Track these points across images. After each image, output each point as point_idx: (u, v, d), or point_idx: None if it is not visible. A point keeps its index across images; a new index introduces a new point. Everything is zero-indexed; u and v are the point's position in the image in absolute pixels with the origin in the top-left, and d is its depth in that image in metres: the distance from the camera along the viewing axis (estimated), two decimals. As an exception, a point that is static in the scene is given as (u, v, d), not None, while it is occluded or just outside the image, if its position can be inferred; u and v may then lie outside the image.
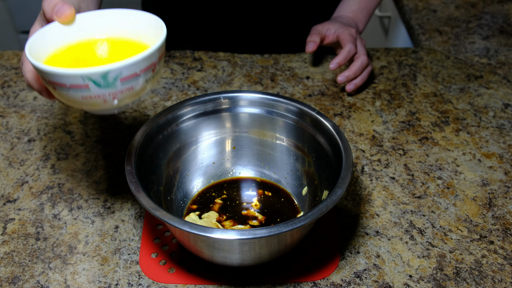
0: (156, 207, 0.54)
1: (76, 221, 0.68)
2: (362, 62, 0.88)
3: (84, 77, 0.46)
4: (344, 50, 0.87)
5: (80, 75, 0.46)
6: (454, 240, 0.66)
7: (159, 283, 0.61)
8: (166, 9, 1.03)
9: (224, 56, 1.00)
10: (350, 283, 0.61)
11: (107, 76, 0.46)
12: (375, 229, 0.68)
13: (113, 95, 0.48)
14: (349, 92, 0.90)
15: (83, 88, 0.47)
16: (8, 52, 1.00)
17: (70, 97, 0.49)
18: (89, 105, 0.49)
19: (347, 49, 0.87)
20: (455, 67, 0.98)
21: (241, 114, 0.69)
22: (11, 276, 0.61)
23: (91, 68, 0.45)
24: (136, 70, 0.48)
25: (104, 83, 0.47)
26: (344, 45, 0.88)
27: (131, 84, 0.48)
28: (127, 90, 0.49)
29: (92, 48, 0.55)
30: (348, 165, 0.58)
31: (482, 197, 0.72)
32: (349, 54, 0.87)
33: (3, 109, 0.87)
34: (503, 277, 0.62)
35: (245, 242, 0.54)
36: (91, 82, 0.46)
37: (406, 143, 0.81)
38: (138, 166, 0.59)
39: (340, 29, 0.90)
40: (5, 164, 0.76)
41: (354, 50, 0.88)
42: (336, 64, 0.87)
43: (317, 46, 0.90)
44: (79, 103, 0.49)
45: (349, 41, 0.88)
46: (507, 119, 0.86)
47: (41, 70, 0.47)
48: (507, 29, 1.09)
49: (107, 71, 0.46)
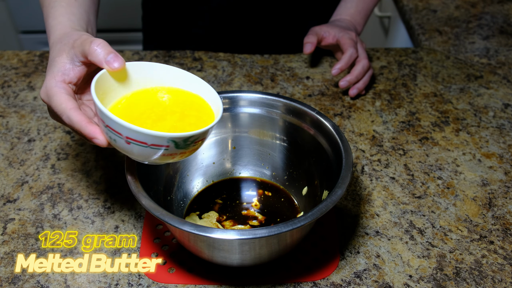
0: (156, 207, 0.54)
1: (76, 221, 0.68)
2: (363, 66, 0.88)
3: (170, 140, 0.49)
4: (345, 55, 0.87)
5: (167, 138, 0.49)
6: (454, 240, 0.66)
7: (159, 283, 0.61)
8: (166, 9, 1.03)
9: (224, 56, 1.00)
10: (350, 283, 0.61)
11: (188, 139, 0.51)
12: (375, 229, 0.68)
13: (182, 153, 0.52)
14: (351, 97, 0.90)
15: (162, 147, 0.50)
16: (8, 52, 1.00)
17: (141, 152, 0.50)
18: (153, 159, 0.52)
19: (349, 54, 0.87)
20: (455, 67, 0.98)
21: (241, 114, 0.69)
22: (11, 276, 0.61)
23: (179, 133, 0.49)
24: (208, 134, 0.53)
25: (183, 145, 0.51)
26: (346, 50, 0.88)
27: (199, 144, 0.53)
28: (193, 149, 0.53)
29: (153, 97, 0.57)
30: (348, 165, 0.58)
31: (482, 197, 0.72)
32: (350, 59, 0.87)
33: (3, 109, 0.87)
34: (503, 277, 0.62)
35: (245, 242, 0.54)
36: (173, 143, 0.50)
37: (406, 143, 0.81)
38: (138, 166, 0.59)
39: (340, 33, 0.90)
40: (5, 164, 0.76)
41: (356, 54, 0.88)
42: (338, 70, 0.86)
43: (315, 47, 0.90)
44: (144, 157, 0.51)
45: (350, 45, 0.88)
46: (507, 119, 0.86)
47: (124, 126, 0.48)
48: (507, 29, 1.09)
49: (190, 136, 0.50)
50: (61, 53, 0.55)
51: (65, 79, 0.54)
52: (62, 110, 0.52)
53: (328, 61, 1.00)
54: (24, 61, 0.98)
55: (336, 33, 0.90)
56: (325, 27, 0.92)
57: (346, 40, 0.88)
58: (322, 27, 0.92)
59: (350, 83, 0.87)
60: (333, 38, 0.90)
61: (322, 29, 0.91)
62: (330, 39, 0.91)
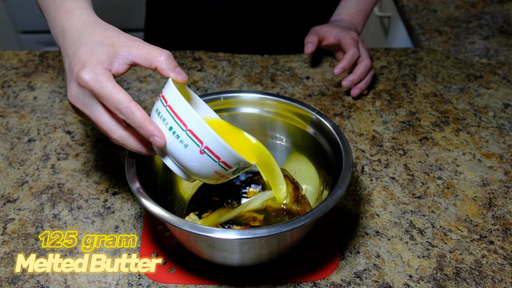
0: (156, 207, 0.54)
1: (76, 221, 0.68)
2: (366, 66, 0.88)
3: (239, 162, 0.53)
4: (348, 54, 0.87)
5: (239, 160, 0.53)
6: (454, 240, 0.66)
7: (159, 283, 0.61)
8: (170, 9, 1.03)
9: (224, 56, 1.00)
10: (350, 283, 0.61)
11: (245, 168, 0.55)
12: (375, 229, 0.68)
13: (225, 178, 0.55)
14: (354, 97, 0.90)
15: (228, 167, 0.53)
16: (8, 52, 1.00)
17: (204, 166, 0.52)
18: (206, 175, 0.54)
19: (351, 53, 0.87)
20: (455, 67, 0.98)
21: (241, 114, 0.69)
22: (11, 276, 0.61)
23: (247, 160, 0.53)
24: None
25: (238, 170, 0.55)
26: (348, 50, 0.87)
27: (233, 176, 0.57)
28: (228, 178, 0.57)
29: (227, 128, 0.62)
30: (348, 165, 0.58)
31: (482, 197, 0.72)
32: (353, 58, 0.87)
33: (3, 109, 0.87)
34: (503, 277, 0.62)
35: (245, 242, 0.54)
36: (237, 166, 0.53)
37: (406, 143, 0.81)
38: (138, 166, 0.59)
39: (341, 33, 0.90)
40: (5, 164, 0.76)
41: (358, 54, 0.88)
42: (340, 69, 0.86)
43: (316, 47, 0.90)
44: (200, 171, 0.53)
45: (352, 45, 0.87)
46: (507, 119, 0.86)
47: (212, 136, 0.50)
48: (507, 29, 1.09)
49: (251, 165, 0.55)
50: (107, 46, 0.53)
51: (113, 70, 0.52)
52: (118, 101, 0.50)
53: (328, 61, 1.00)
54: (24, 61, 0.98)
55: (337, 32, 0.90)
56: (326, 27, 0.92)
57: (347, 39, 0.88)
58: (323, 27, 0.92)
59: (353, 83, 0.87)
60: (334, 38, 0.90)
61: (323, 28, 0.91)
62: (331, 39, 0.91)
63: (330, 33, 0.91)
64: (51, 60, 0.98)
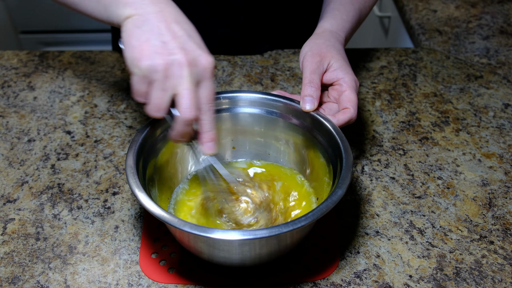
0: (156, 207, 0.54)
1: (76, 221, 0.68)
2: (350, 119, 0.66)
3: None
4: (345, 116, 0.65)
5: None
6: (454, 240, 0.66)
7: (159, 283, 0.61)
8: None
9: (224, 56, 1.00)
10: (350, 283, 0.61)
11: None
12: (375, 229, 0.68)
13: None
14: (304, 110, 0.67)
15: None
16: (8, 52, 1.00)
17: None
18: None
19: (349, 116, 0.65)
20: (455, 67, 0.98)
21: (241, 114, 0.69)
22: (11, 276, 0.61)
23: None
24: None
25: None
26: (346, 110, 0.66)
27: None
28: None
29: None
30: (348, 165, 0.58)
31: (482, 197, 0.72)
32: (347, 123, 0.66)
33: (3, 109, 0.87)
34: (503, 277, 0.62)
35: (245, 243, 0.54)
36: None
37: (406, 143, 0.81)
38: (138, 166, 0.59)
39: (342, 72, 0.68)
40: (5, 164, 0.76)
41: (355, 118, 0.66)
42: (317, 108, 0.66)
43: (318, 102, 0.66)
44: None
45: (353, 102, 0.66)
46: (507, 119, 0.86)
47: None
48: (507, 29, 1.09)
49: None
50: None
51: None
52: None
53: (328, 61, 1.00)
54: (24, 61, 0.98)
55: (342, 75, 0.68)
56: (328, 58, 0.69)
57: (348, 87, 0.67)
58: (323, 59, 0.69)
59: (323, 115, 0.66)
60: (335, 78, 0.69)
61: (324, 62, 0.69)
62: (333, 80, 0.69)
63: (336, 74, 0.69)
64: (51, 60, 0.98)
